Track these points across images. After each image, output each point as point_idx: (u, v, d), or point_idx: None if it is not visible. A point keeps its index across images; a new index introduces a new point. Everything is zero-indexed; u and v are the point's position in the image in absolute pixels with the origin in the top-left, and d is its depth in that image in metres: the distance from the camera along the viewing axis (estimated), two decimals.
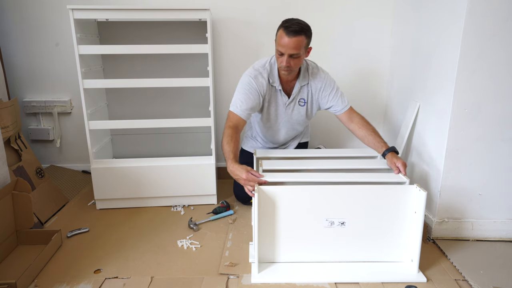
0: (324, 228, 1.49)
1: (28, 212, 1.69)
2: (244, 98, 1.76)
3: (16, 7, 2.30)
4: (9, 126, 1.97)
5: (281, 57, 1.67)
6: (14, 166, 1.96)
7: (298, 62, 1.69)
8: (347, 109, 1.86)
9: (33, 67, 2.41)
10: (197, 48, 1.96)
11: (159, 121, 2.05)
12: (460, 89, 1.59)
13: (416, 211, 1.45)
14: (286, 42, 1.61)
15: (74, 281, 1.47)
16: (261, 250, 1.51)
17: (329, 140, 2.53)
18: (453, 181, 1.71)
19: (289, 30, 1.60)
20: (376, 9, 2.31)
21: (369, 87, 2.45)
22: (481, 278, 1.47)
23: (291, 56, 1.65)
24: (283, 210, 1.47)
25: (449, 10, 1.63)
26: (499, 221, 1.74)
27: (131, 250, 1.69)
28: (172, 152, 2.47)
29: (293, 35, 1.60)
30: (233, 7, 2.31)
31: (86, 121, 1.99)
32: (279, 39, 1.64)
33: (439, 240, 1.75)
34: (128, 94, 2.41)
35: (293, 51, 1.63)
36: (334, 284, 1.44)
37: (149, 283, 1.45)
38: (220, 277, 1.49)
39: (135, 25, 2.28)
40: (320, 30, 2.34)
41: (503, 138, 1.65)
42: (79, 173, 2.56)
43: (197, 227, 1.86)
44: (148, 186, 2.08)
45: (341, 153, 1.92)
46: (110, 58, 2.33)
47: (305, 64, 1.85)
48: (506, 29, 1.52)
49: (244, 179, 1.48)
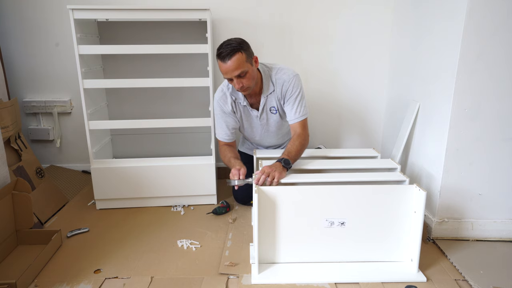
0: (324, 228, 1.49)
1: (28, 212, 1.69)
2: (221, 124, 1.89)
3: (16, 7, 2.30)
4: (9, 126, 1.97)
5: (232, 82, 1.66)
6: (14, 166, 1.96)
7: (249, 78, 1.66)
8: (296, 121, 1.79)
9: (33, 67, 2.41)
10: (197, 48, 1.96)
11: (159, 121, 2.06)
12: (460, 89, 1.59)
13: (415, 211, 1.45)
14: (225, 67, 1.61)
15: (74, 281, 1.47)
16: (261, 251, 1.51)
17: (329, 140, 2.53)
18: (453, 181, 1.71)
19: (222, 56, 1.60)
20: (376, 9, 2.31)
21: (369, 87, 2.45)
22: (481, 278, 1.47)
23: (239, 76, 1.63)
24: (283, 211, 1.47)
25: (449, 9, 1.63)
26: (499, 221, 1.74)
27: (131, 250, 1.69)
28: (172, 152, 2.46)
29: (228, 58, 1.59)
30: (233, 7, 2.31)
31: (86, 121, 1.99)
32: (220, 68, 1.64)
33: (439, 240, 1.75)
34: (128, 94, 2.41)
35: (237, 72, 1.61)
36: (334, 284, 1.44)
37: (149, 283, 1.45)
38: (220, 277, 1.49)
39: (135, 25, 2.28)
40: (320, 30, 2.35)
41: (503, 138, 1.65)
42: (79, 173, 2.56)
43: None
44: (148, 186, 2.08)
45: (341, 153, 1.92)
46: (110, 58, 2.33)
47: (266, 71, 1.80)
48: (506, 29, 1.52)
49: None
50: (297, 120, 1.79)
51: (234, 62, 1.59)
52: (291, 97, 1.78)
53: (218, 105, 1.86)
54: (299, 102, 1.78)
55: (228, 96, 1.83)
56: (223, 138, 1.90)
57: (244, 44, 1.65)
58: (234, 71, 1.61)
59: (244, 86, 1.66)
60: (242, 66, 1.61)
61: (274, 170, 1.52)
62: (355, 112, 2.51)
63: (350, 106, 2.49)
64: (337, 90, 2.47)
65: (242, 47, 1.62)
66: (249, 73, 1.65)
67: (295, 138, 1.75)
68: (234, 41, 1.63)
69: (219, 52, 1.61)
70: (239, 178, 1.62)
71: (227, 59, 1.59)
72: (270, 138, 2.01)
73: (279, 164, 1.56)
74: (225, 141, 1.91)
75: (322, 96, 2.46)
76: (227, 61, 1.59)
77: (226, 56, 1.59)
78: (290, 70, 1.81)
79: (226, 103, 1.85)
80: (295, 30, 2.35)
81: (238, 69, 1.60)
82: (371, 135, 2.53)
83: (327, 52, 2.39)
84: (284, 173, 1.55)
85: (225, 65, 1.60)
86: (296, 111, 1.78)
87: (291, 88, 1.77)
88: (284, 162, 1.57)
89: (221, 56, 1.60)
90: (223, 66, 1.61)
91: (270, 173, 1.50)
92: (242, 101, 1.82)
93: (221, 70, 1.64)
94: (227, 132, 1.89)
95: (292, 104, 1.78)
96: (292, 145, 1.70)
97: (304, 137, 1.76)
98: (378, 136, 2.54)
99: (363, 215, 1.48)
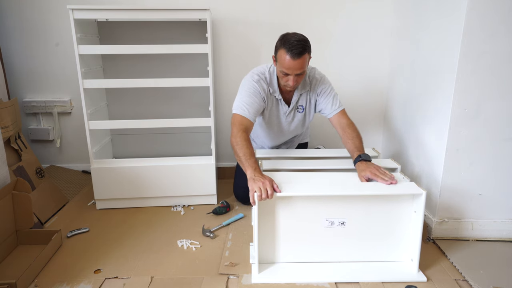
0: (324, 228, 1.49)
1: (28, 212, 1.69)
2: (250, 101, 1.72)
3: (16, 7, 2.30)
4: (9, 126, 1.97)
5: (286, 77, 1.65)
6: (14, 166, 1.96)
7: (303, 77, 1.70)
8: (336, 113, 1.80)
9: (33, 67, 2.41)
10: (197, 48, 1.96)
11: (159, 121, 2.05)
12: (460, 89, 1.59)
13: (416, 211, 1.45)
14: (292, 64, 1.59)
15: (74, 281, 1.47)
16: (261, 251, 1.51)
17: (329, 140, 2.53)
18: (453, 181, 1.71)
19: (293, 52, 1.56)
20: (376, 9, 2.31)
21: (369, 87, 2.45)
22: (481, 278, 1.47)
23: (297, 75, 1.63)
24: (283, 211, 1.46)
25: (449, 9, 1.63)
26: (499, 221, 1.74)
27: (131, 250, 1.69)
28: (172, 152, 2.47)
29: (298, 56, 1.57)
30: (233, 7, 2.31)
31: (86, 121, 1.99)
32: (283, 61, 1.60)
33: (439, 240, 1.75)
34: (128, 94, 2.41)
35: (300, 71, 1.62)
36: (334, 284, 1.44)
37: (149, 283, 1.45)
38: (220, 277, 1.49)
39: (135, 25, 2.28)
40: (320, 30, 2.35)
41: (503, 138, 1.65)
42: (79, 173, 2.56)
43: (214, 235, 1.78)
44: (148, 186, 2.08)
45: (341, 153, 1.91)
46: (110, 58, 2.33)
47: None
48: (506, 29, 1.51)
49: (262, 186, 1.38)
50: (339, 110, 1.79)
51: (302, 61, 1.59)
52: (326, 93, 1.80)
53: (253, 85, 1.75)
54: (333, 96, 1.81)
55: (265, 85, 1.78)
56: (246, 114, 1.69)
57: (310, 44, 1.64)
58: (298, 69, 1.60)
59: (297, 84, 1.67)
60: (305, 66, 1.62)
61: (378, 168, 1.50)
62: (355, 111, 2.49)
63: (350, 106, 2.47)
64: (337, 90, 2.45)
65: (309, 47, 1.63)
66: (305, 73, 1.67)
67: (348, 130, 1.73)
68: (303, 39, 1.61)
69: (289, 47, 1.56)
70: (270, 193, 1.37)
71: (297, 57, 1.57)
72: (284, 136, 2.00)
73: (370, 163, 1.55)
74: (247, 118, 1.69)
75: None
76: (297, 58, 1.57)
77: (297, 54, 1.57)
78: (320, 71, 1.85)
79: (263, 90, 1.77)
80: (295, 30, 2.34)
81: (302, 69, 1.61)
82: (371, 135, 2.53)
83: (327, 52, 2.39)
84: None
85: (293, 62, 1.58)
86: (334, 103, 1.80)
87: (325, 85, 1.81)
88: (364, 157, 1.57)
89: (292, 52, 1.56)
90: (291, 62, 1.58)
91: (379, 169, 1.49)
92: (277, 94, 1.80)
93: (283, 64, 1.61)
94: (252, 111, 1.71)
95: (328, 98, 1.80)
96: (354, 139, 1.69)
97: (354, 126, 1.76)
98: (378, 136, 2.54)
99: (363, 215, 1.48)
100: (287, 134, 1.99)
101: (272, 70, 1.79)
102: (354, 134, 1.72)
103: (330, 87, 1.83)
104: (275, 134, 1.97)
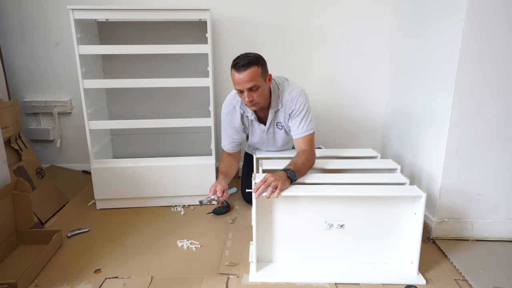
0: (323, 230, 1.49)
1: (28, 212, 1.69)
2: (226, 136, 1.89)
3: (16, 7, 2.30)
4: (10, 126, 1.97)
5: (242, 95, 1.63)
6: (14, 166, 1.96)
7: (260, 94, 1.63)
8: (299, 137, 1.74)
9: (33, 67, 2.41)
10: (197, 48, 1.96)
11: (159, 121, 2.06)
12: (460, 89, 1.59)
13: (416, 213, 1.44)
14: (239, 78, 1.58)
15: (74, 281, 1.47)
16: (261, 250, 1.51)
17: (329, 140, 2.53)
18: (453, 181, 1.70)
19: (238, 66, 1.57)
20: (376, 9, 2.31)
21: (369, 87, 2.45)
22: (481, 278, 1.46)
23: (251, 90, 1.60)
24: (282, 212, 1.46)
25: (449, 9, 1.63)
26: (499, 221, 1.74)
27: (131, 250, 1.69)
28: (172, 152, 2.47)
29: (244, 69, 1.56)
30: (233, 7, 2.31)
31: (86, 121, 1.99)
32: (233, 78, 1.61)
33: (439, 240, 1.75)
34: (128, 94, 2.41)
35: (250, 84, 1.58)
36: (334, 285, 1.44)
37: (149, 283, 1.46)
38: (220, 277, 1.49)
39: (135, 25, 2.28)
40: (320, 31, 2.35)
41: (503, 138, 1.65)
42: (79, 173, 2.56)
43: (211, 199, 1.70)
44: (148, 186, 2.08)
45: (341, 153, 1.92)
46: (110, 58, 2.33)
47: (276, 88, 1.76)
48: (506, 29, 1.51)
49: None
50: (301, 135, 1.73)
51: (248, 74, 1.57)
52: (295, 114, 1.74)
53: (227, 118, 1.84)
54: (302, 117, 1.73)
55: (237, 109, 1.81)
56: (227, 149, 1.92)
57: (262, 59, 1.63)
58: (247, 83, 1.58)
59: (253, 100, 1.63)
60: (255, 80, 1.58)
61: (277, 179, 1.41)
62: (355, 111, 2.51)
63: (350, 106, 2.50)
64: (337, 90, 2.47)
65: (259, 61, 1.60)
66: (261, 88, 1.62)
67: (300, 154, 1.66)
68: (252, 54, 1.61)
69: (235, 62, 1.59)
70: None
71: (242, 70, 1.56)
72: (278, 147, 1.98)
73: (284, 174, 1.46)
74: (229, 152, 1.92)
75: (322, 95, 2.46)
76: (242, 71, 1.57)
77: (242, 67, 1.56)
78: (296, 89, 1.76)
79: (235, 117, 1.82)
80: (295, 30, 2.36)
81: (251, 82, 1.58)
82: (371, 135, 2.53)
83: (327, 52, 2.39)
84: (287, 184, 1.44)
85: (239, 76, 1.57)
86: (299, 126, 1.73)
87: (296, 106, 1.73)
88: (290, 173, 1.47)
89: (236, 66, 1.58)
90: (237, 76, 1.58)
91: (273, 183, 1.39)
92: (250, 115, 1.80)
93: (234, 81, 1.61)
94: (232, 144, 1.90)
95: (296, 120, 1.74)
96: (298, 159, 1.61)
97: (309, 153, 1.67)
98: (378, 136, 2.54)
99: (362, 217, 1.47)
100: (279, 146, 1.97)
101: None
102: (303, 157, 1.62)
103: (300, 107, 1.73)
104: (268, 147, 1.97)
